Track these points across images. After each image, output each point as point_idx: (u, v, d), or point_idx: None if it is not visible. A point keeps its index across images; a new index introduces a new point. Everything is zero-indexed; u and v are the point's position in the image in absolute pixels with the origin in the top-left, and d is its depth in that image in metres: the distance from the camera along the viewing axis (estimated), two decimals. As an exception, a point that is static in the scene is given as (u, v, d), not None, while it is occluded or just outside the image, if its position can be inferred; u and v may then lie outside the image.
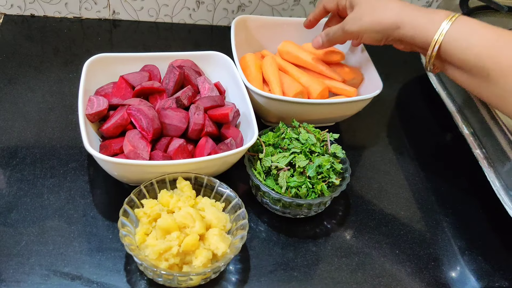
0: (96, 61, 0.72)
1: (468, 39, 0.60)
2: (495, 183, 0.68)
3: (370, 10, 0.67)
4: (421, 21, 0.64)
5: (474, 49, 0.60)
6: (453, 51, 0.62)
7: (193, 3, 0.99)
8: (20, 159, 0.69)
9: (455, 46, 0.61)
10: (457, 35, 0.61)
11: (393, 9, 0.66)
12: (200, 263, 0.55)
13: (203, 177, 0.63)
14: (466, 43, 0.60)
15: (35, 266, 0.58)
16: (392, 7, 0.66)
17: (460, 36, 0.61)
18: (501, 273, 0.66)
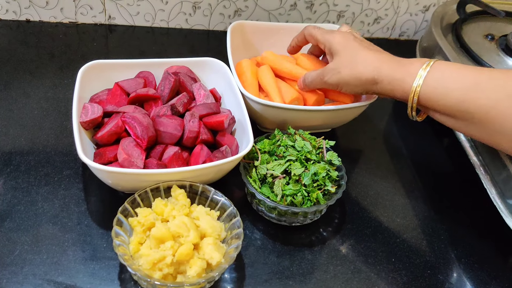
0: (91, 68, 0.71)
1: (446, 85, 0.60)
2: (492, 190, 0.68)
3: (349, 63, 0.68)
4: (398, 75, 0.64)
5: (453, 94, 0.60)
6: (433, 99, 0.62)
7: (189, 8, 0.98)
8: (15, 167, 0.69)
9: (434, 94, 0.61)
10: (434, 83, 0.61)
11: (370, 64, 0.66)
12: (195, 273, 0.54)
13: (198, 185, 0.62)
14: (444, 90, 0.61)
15: (28, 276, 0.58)
16: (369, 61, 0.66)
17: (438, 83, 0.61)
18: (498, 281, 0.66)
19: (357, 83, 0.67)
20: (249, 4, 0.99)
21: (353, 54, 0.68)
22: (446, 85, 0.61)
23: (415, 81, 0.62)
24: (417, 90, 0.62)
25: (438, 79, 0.61)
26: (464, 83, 0.60)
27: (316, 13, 1.03)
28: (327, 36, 0.72)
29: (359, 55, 0.67)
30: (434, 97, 0.61)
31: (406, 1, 1.04)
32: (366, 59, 0.66)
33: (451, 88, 0.60)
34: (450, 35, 0.90)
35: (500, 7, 0.93)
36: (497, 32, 0.91)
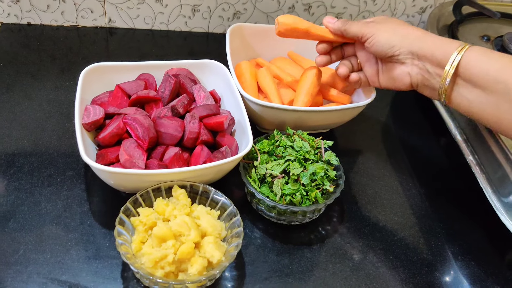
0: (92, 70, 0.72)
1: (489, 55, 0.61)
2: (488, 189, 0.69)
3: (397, 21, 0.69)
4: (443, 40, 0.65)
5: (494, 63, 0.60)
6: (474, 64, 0.61)
7: (188, 11, 0.99)
8: (18, 168, 0.70)
9: (476, 60, 0.61)
10: (478, 52, 0.62)
11: (417, 28, 0.68)
12: (196, 271, 0.56)
13: (198, 185, 0.64)
14: (486, 58, 0.61)
15: (33, 275, 0.59)
16: (416, 27, 0.68)
17: (481, 53, 0.61)
18: (494, 278, 0.67)
19: (400, 33, 0.66)
20: (248, 6, 1.00)
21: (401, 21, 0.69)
22: (488, 56, 0.61)
23: (459, 46, 0.62)
24: (461, 52, 0.62)
25: (481, 51, 0.62)
26: (505, 58, 0.60)
27: (314, 15, 1.04)
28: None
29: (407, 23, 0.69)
30: (475, 61, 0.61)
31: (403, 2, 1.05)
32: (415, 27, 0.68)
33: (493, 57, 0.61)
34: (447, 36, 0.91)
35: (495, 9, 0.94)
36: (493, 33, 0.92)
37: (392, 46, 0.67)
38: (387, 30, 0.67)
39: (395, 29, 0.67)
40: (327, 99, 0.82)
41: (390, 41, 0.67)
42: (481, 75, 0.61)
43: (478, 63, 0.61)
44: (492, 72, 0.60)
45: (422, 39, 0.65)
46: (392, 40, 0.67)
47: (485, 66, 0.60)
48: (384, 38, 0.67)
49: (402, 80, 0.69)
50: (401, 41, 0.66)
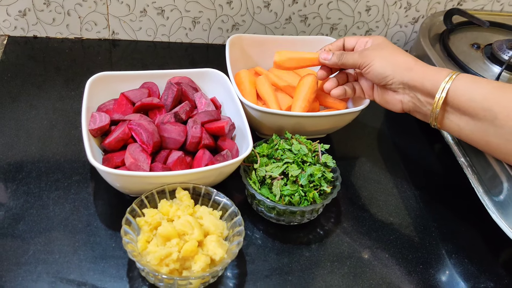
0: (98, 79, 0.75)
1: (476, 83, 0.65)
2: (479, 189, 0.71)
3: (391, 48, 0.72)
4: (432, 70, 0.68)
5: (481, 91, 0.64)
6: (461, 94, 0.65)
7: (189, 23, 1.03)
8: (26, 173, 0.72)
9: (463, 89, 0.65)
10: (465, 80, 0.65)
11: (410, 56, 0.71)
12: (199, 268, 0.58)
13: (200, 187, 0.66)
14: (473, 86, 0.65)
15: (42, 274, 0.61)
16: (410, 55, 0.71)
17: (468, 81, 0.65)
18: (487, 274, 0.69)
19: (394, 62, 0.70)
20: (246, 18, 1.04)
21: (395, 47, 0.73)
22: (475, 84, 0.65)
23: (448, 75, 0.66)
24: (448, 83, 0.65)
25: (468, 80, 0.65)
26: (491, 85, 0.64)
27: (310, 26, 1.07)
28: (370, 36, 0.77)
29: (401, 49, 0.73)
30: (462, 90, 0.65)
31: (396, 13, 1.08)
32: (408, 54, 0.72)
33: (480, 86, 0.64)
34: (438, 45, 0.94)
35: (485, 18, 0.97)
36: (483, 41, 0.96)
37: (386, 76, 0.71)
38: (382, 59, 0.71)
39: (389, 58, 0.71)
40: (324, 105, 0.85)
41: (384, 70, 0.71)
42: (468, 103, 0.65)
43: (465, 92, 0.65)
44: (479, 99, 0.64)
45: (413, 69, 0.69)
46: (386, 70, 0.71)
47: (471, 94, 0.64)
48: (379, 67, 0.71)
49: (394, 105, 0.74)
50: (394, 70, 0.70)
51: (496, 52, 0.90)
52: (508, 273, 0.70)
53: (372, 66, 0.71)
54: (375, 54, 0.72)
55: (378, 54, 0.72)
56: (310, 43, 0.93)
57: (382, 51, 0.72)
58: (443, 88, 0.66)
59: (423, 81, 0.68)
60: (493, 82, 0.65)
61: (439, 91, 0.66)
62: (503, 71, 0.85)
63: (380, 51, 0.72)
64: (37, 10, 0.97)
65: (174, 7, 1.00)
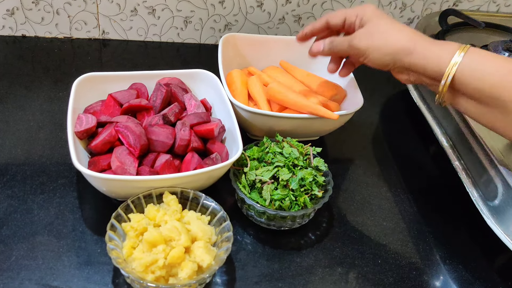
0: (85, 80, 0.74)
1: (483, 68, 0.59)
2: (473, 193, 0.70)
3: (383, 29, 0.65)
4: (434, 50, 0.62)
5: (489, 79, 0.59)
6: (468, 81, 0.60)
7: (181, 23, 1.01)
8: (11, 176, 0.71)
9: (469, 76, 0.60)
10: (472, 64, 0.60)
11: (407, 34, 0.64)
12: (186, 275, 0.56)
13: (189, 191, 0.65)
14: (480, 72, 0.59)
15: (25, 281, 0.59)
16: (406, 32, 0.64)
17: (475, 65, 0.59)
18: (481, 281, 0.68)
19: (389, 50, 0.64)
20: (239, 18, 1.02)
21: (388, 23, 0.65)
22: (482, 69, 0.59)
23: (453, 58, 0.60)
24: (453, 69, 0.60)
25: (475, 62, 0.60)
26: (501, 70, 0.58)
27: (304, 26, 1.06)
28: (358, 7, 0.68)
29: (395, 24, 0.65)
30: (468, 78, 0.60)
31: (391, 13, 1.07)
32: (403, 29, 0.64)
33: (487, 71, 0.59)
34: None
35: (480, 18, 0.96)
36: (478, 42, 0.94)
37: (386, 65, 0.66)
38: (376, 49, 0.65)
39: (383, 46, 0.64)
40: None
41: (381, 61, 0.66)
42: (476, 91, 0.60)
43: (472, 78, 0.60)
44: (487, 87, 0.59)
45: (413, 53, 0.63)
46: (384, 60, 0.65)
47: (479, 82, 0.59)
48: (375, 59, 0.66)
49: (403, 81, 0.68)
50: (393, 58, 0.64)
51: (492, 54, 0.88)
52: (502, 279, 0.68)
53: (368, 58, 0.66)
54: (367, 45, 0.65)
55: (371, 43, 0.65)
56: (304, 43, 0.92)
57: (373, 38, 0.65)
58: (448, 74, 0.60)
59: (426, 65, 0.62)
60: (503, 64, 0.59)
61: (444, 78, 0.61)
62: (498, 73, 0.83)
63: (371, 38, 0.65)
64: (25, 9, 0.95)
65: (165, 6, 0.98)
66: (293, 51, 0.92)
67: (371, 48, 0.65)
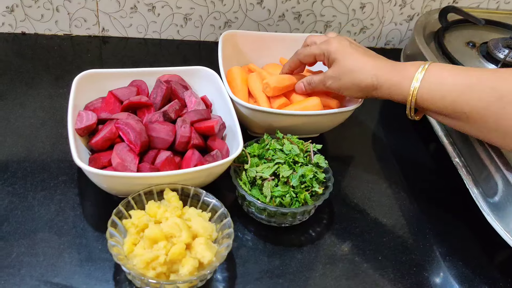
0: (85, 77, 0.74)
1: (441, 88, 0.64)
2: (474, 190, 0.70)
3: (348, 72, 0.71)
4: (395, 80, 0.67)
5: (448, 97, 0.64)
6: (429, 101, 0.66)
7: (181, 20, 1.01)
8: (11, 173, 0.71)
9: (430, 96, 0.65)
10: (430, 86, 0.65)
11: (369, 72, 0.69)
12: (187, 272, 0.56)
13: (189, 188, 0.65)
14: (439, 92, 0.64)
15: (25, 277, 0.59)
16: (368, 69, 0.69)
17: (433, 86, 0.65)
18: (481, 277, 0.68)
19: (357, 89, 0.71)
20: (239, 15, 1.02)
21: (351, 62, 0.71)
22: (440, 88, 0.64)
23: (412, 84, 0.66)
24: (414, 93, 0.66)
25: (433, 82, 0.65)
26: (457, 86, 0.63)
27: (304, 23, 1.06)
28: (323, 46, 0.74)
29: (357, 63, 0.70)
30: (430, 99, 0.65)
31: (391, 11, 1.07)
32: (365, 67, 0.70)
33: (445, 90, 0.64)
34: (433, 43, 0.93)
35: (480, 16, 0.96)
36: (478, 39, 0.95)
37: (359, 96, 0.74)
38: (346, 89, 0.72)
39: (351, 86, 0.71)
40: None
41: (356, 96, 0.73)
42: (439, 109, 0.66)
43: (433, 101, 0.65)
44: (448, 105, 0.64)
45: (377, 89, 0.69)
46: (357, 95, 0.73)
47: (440, 102, 0.65)
48: (349, 95, 0.74)
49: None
50: (363, 94, 0.72)
51: (491, 51, 0.88)
52: (503, 276, 0.69)
53: (343, 94, 0.74)
54: (339, 86, 0.73)
55: (341, 85, 0.72)
56: (304, 40, 0.92)
57: (341, 81, 0.72)
58: (410, 100, 0.67)
59: (391, 95, 0.69)
60: (461, 80, 0.63)
61: (408, 103, 0.67)
62: (498, 70, 0.83)
63: (340, 81, 0.72)
64: (25, 6, 0.95)
65: (165, 3, 0.98)
66: (293, 49, 0.91)
67: (343, 88, 0.73)
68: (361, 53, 0.71)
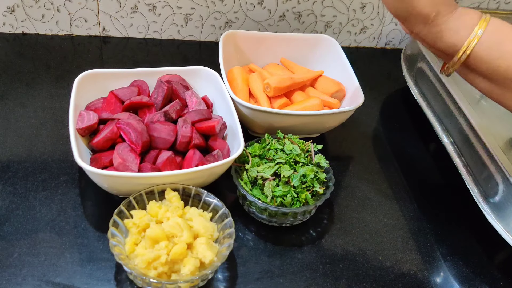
0: (87, 77, 0.74)
1: (500, 48, 0.56)
2: (474, 190, 0.70)
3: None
4: (453, 24, 0.57)
5: (506, 60, 0.56)
6: (483, 60, 0.57)
7: (181, 20, 1.01)
8: (12, 173, 0.71)
9: (486, 55, 0.57)
10: (489, 43, 0.56)
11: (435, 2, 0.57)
12: (188, 271, 0.56)
13: (191, 188, 0.65)
14: (497, 53, 0.56)
15: (27, 277, 0.59)
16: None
17: (492, 45, 0.56)
18: (482, 277, 0.68)
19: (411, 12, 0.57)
20: (239, 15, 1.02)
21: None
22: (500, 49, 0.56)
23: (471, 35, 0.56)
24: (470, 46, 0.57)
25: (493, 40, 0.56)
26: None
27: (304, 23, 1.06)
28: None
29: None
30: (484, 58, 0.57)
31: (391, 11, 1.07)
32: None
33: (505, 52, 0.56)
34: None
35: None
36: (478, 39, 0.94)
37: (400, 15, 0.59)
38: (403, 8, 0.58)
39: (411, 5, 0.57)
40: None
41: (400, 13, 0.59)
42: (490, 71, 0.57)
43: (488, 59, 0.57)
44: (502, 69, 0.56)
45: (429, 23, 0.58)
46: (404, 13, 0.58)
47: (495, 63, 0.56)
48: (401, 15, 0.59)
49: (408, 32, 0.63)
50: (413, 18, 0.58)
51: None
52: (503, 275, 0.69)
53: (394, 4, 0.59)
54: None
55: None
56: (304, 41, 0.92)
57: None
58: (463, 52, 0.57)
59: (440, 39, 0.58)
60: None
61: (457, 55, 0.58)
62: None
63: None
64: (25, 6, 0.95)
65: (165, 3, 0.98)
66: (294, 49, 0.92)
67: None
68: None
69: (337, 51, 0.89)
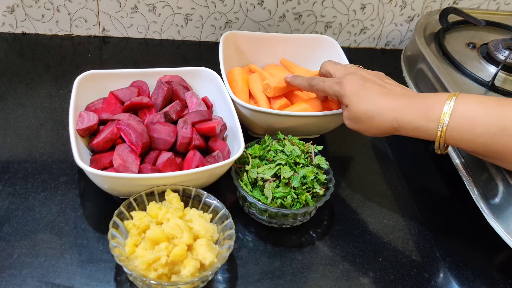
0: (87, 78, 0.74)
1: (471, 131, 0.59)
2: (474, 191, 0.70)
3: (364, 117, 0.65)
4: (419, 123, 0.62)
5: (480, 139, 0.59)
6: (459, 143, 0.61)
7: (181, 20, 1.01)
8: (12, 174, 0.71)
9: (460, 139, 0.60)
10: (459, 129, 0.60)
11: (388, 115, 0.64)
12: (188, 273, 0.56)
13: (191, 189, 0.65)
14: (470, 136, 0.59)
15: (27, 278, 0.59)
16: (387, 113, 0.64)
17: (463, 128, 0.59)
18: (481, 278, 0.68)
19: (378, 132, 0.66)
20: (239, 16, 1.02)
21: (366, 107, 0.65)
22: (471, 131, 0.59)
23: (438, 129, 0.61)
24: (442, 136, 0.61)
25: (462, 124, 0.59)
26: (489, 128, 0.58)
27: (304, 24, 1.06)
28: (336, 88, 0.69)
29: (373, 107, 0.64)
30: (460, 141, 0.61)
31: (391, 11, 1.07)
32: (382, 111, 0.64)
33: (477, 133, 0.59)
34: (433, 44, 0.93)
35: (480, 17, 0.96)
36: (478, 40, 0.95)
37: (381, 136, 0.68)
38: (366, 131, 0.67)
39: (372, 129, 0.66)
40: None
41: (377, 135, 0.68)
42: (470, 149, 0.62)
43: (463, 142, 0.61)
44: (480, 147, 0.60)
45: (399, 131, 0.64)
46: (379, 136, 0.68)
47: (470, 144, 0.60)
48: (371, 135, 0.68)
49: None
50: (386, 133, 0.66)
51: (492, 52, 0.89)
52: (503, 277, 0.69)
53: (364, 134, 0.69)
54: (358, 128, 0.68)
55: (360, 127, 0.67)
56: (304, 41, 0.92)
57: (359, 124, 0.67)
58: (438, 142, 0.62)
59: (416, 136, 0.64)
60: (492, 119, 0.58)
61: (436, 144, 0.63)
62: (499, 71, 0.83)
63: (358, 124, 0.67)
64: (25, 6, 0.95)
65: (165, 3, 0.98)
66: (294, 49, 0.92)
67: (362, 130, 0.68)
68: (377, 93, 0.65)
69: (337, 52, 0.89)
